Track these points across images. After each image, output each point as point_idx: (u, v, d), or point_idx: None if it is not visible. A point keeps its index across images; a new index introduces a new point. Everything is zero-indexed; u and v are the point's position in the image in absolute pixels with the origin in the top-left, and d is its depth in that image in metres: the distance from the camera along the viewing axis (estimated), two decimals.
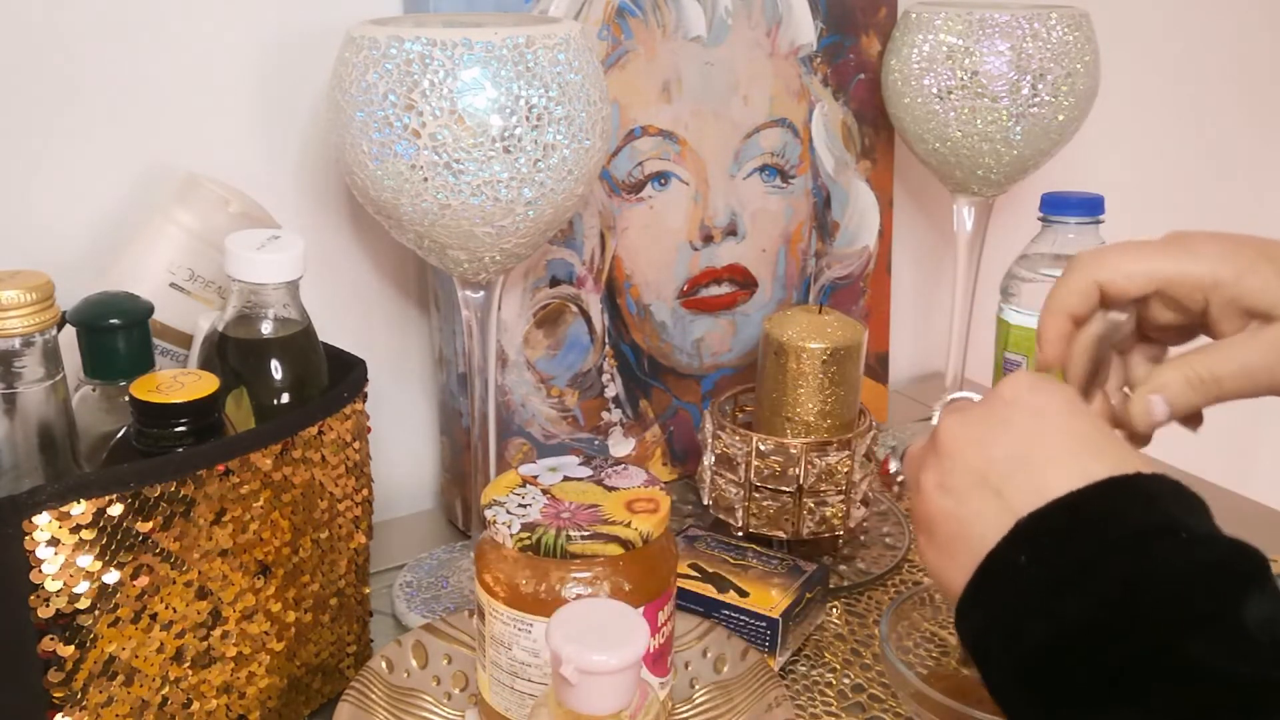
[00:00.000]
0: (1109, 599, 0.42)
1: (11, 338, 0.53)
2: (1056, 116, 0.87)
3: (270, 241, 0.63)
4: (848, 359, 0.78)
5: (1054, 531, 0.45)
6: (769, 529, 0.78)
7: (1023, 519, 0.45)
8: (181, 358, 0.69)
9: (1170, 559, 0.42)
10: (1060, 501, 0.45)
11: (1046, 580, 0.44)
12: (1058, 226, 0.89)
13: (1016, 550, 0.45)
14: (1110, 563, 0.42)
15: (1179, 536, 0.43)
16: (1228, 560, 0.42)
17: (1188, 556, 0.42)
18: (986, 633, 0.46)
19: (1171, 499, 0.45)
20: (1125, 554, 0.42)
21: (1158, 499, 0.44)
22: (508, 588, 0.55)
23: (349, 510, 0.65)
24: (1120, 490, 0.45)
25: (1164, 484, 0.45)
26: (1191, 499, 0.45)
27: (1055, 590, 0.43)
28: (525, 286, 0.83)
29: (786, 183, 0.93)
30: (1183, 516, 0.44)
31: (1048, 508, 0.45)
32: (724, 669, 0.64)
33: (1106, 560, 0.43)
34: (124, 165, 0.75)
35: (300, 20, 0.78)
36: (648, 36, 0.84)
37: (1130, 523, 0.43)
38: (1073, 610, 0.42)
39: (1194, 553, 0.42)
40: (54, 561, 0.51)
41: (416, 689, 0.63)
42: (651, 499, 0.58)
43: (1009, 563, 0.45)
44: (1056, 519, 0.45)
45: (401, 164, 0.61)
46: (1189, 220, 1.39)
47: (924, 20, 0.88)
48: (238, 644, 0.59)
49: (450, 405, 0.86)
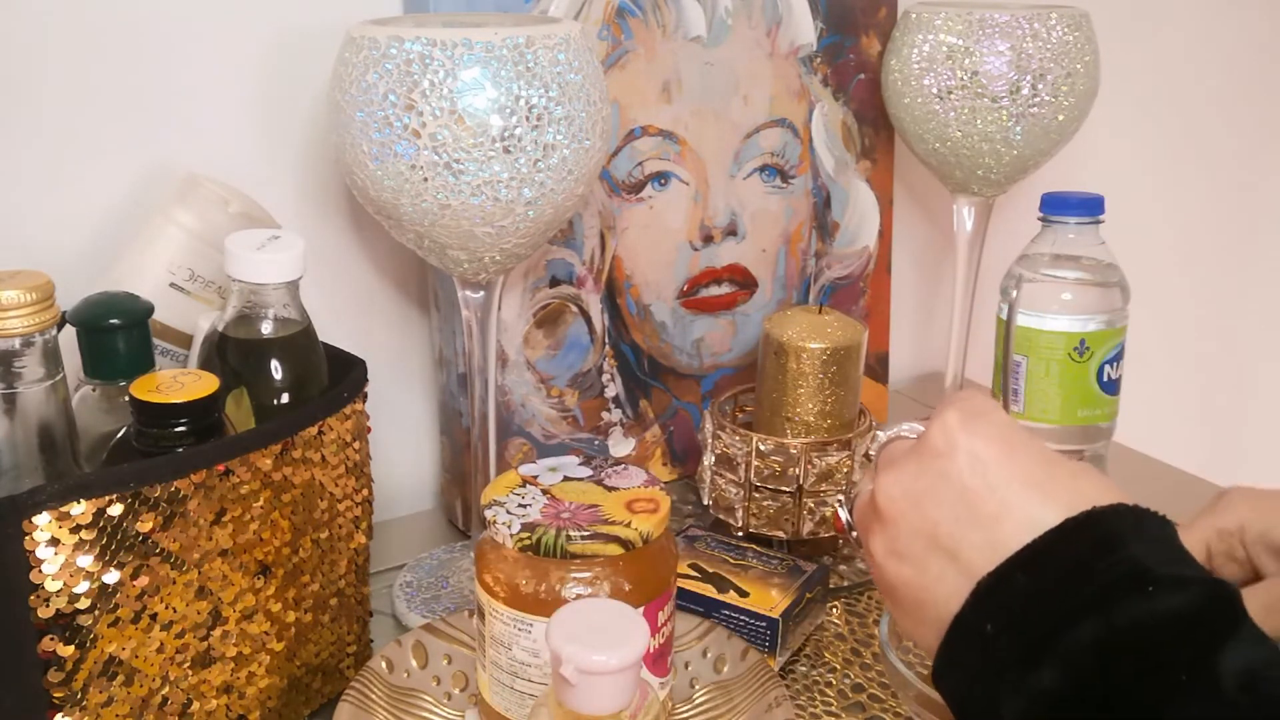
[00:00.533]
0: (1080, 669, 0.40)
1: (11, 338, 0.53)
2: (1056, 116, 0.87)
3: (270, 241, 0.63)
4: (848, 359, 0.78)
5: (1017, 595, 0.43)
6: (769, 529, 0.78)
7: (981, 582, 0.44)
8: (181, 358, 0.69)
9: (1139, 618, 0.40)
10: (1016, 559, 0.43)
11: (1017, 652, 0.42)
12: (1058, 226, 0.89)
13: (982, 618, 0.44)
14: (1079, 629, 0.41)
15: (1145, 590, 0.41)
16: (1198, 609, 0.41)
17: (1156, 611, 0.40)
18: (965, 698, 0.45)
19: (1132, 534, 0.43)
20: (1091, 616, 0.41)
21: (1119, 540, 0.42)
22: (508, 588, 0.55)
23: (349, 510, 0.65)
24: (1077, 536, 0.43)
25: (1121, 518, 0.43)
26: (1152, 524, 0.44)
27: (1025, 661, 0.42)
28: (525, 286, 0.83)
29: (786, 183, 0.93)
30: (1145, 556, 0.42)
31: (1005, 567, 0.43)
32: (724, 669, 0.64)
33: (1074, 626, 0.41)
34: (124, 165, 0.75)
35: (300, 20, 0.78)
36: (648, 36, 0.84)
37: (1094, 576, 0.42)
38: (1046, 683, 0.41)
39: (1161, 607, 0.40)
40: (54, 561, 0.51)
41: (416, 689, 0.63)
42: (651, 499, 0.58)
43: (975, 630, 0.44)
44: (1016, 580, 0.43)
45: (401, 164, 0.61)
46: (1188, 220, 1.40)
47: (924, 20, 0.88)
48: (238, 644, 0.59)
49: (450, 405, 0.86)
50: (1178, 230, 1.31)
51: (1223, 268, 1.37)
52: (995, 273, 0.95)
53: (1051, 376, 0.90)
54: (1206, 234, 1.34)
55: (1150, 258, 1.14)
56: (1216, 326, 1.38)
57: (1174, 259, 1.31)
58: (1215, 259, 1.36)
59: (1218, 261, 1.36)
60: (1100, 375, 0.89)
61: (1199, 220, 1.33)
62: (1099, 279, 0.89)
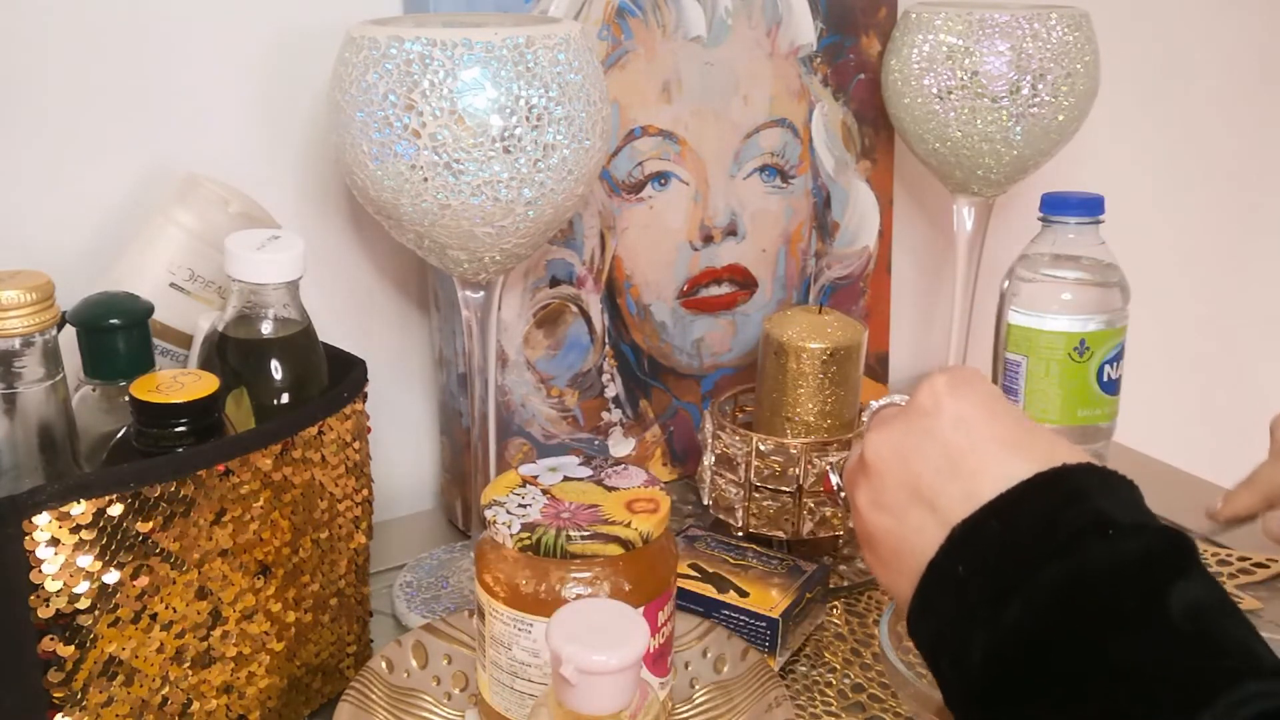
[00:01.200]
0: (1043, 605, 0.43)
1: (11, 338, 0.53)
2: (1056, 116, 0.87)
3: (270, 241, 0.63)
4: (848, 359, 0.78)
5: (988, 539, 0.46)
6: (769, 529, 0.78)
7: (956, 528, 0.47)
8: (181, 358, 0.69)
9: (1098, 559, 0.43)
10: (990, 507, 0.46)
11: (985, 590, 0.45)
12: (1058, 226, 0.89)
13: (954, 561, 0.46)
14: (1043, 569, 0.43)
15: (1106, 534, 0.44)
16: (1153, 552, 0.44)
17: (1115, 552, 0.43)
18: (936, 643, 0.47)
19: (1098, 490, 0.45)
20: (1056, 558, 0.43)
21: (1085, 493, 0.45)
22: (508, 588, 0.55)
23: (349, 510, 0.65)
24: (1047, 488, 0.46)
25: (1090, 475, 0.46)
26: (1119, 485, 0.46)
27: (994, 600, 0.44)
28: (525, 286, 0.83)
29: (786, 183, 0.93)
30: (1110, 509, 0.45)
31: (978, 514, 0.46)
32: (724, 669, 0.64)
33: (1040, 567, 0.44)
34: (124, 165, 0.75)
35: (300, 20, 0.78)
36: (648, 36, 0.84)
37: (1060, 523, 0.44)
38: (1011, 619, 0.43)
39: (1120, 549, 0.43)
40: (54, 561, 0.51)
41: (416, 689, 0.63)
42: (651, 499, 0.58)
43: (948, 574, 0.47)
44: (989, 526, 0.46)
45: (401, 164, 0.61)
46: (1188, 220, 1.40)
47: (924, 20, 0.88)
48: (238, 644, 0.59)
49: (450, 405, 0.86)
50: (1178, 230, 1.31)
51: (1223, 268, 1.37)
52: (995, 273, 0.95)
53: (1051, 376, 0.90)
54: (1206, 234, 1.34)
55: (1150, 258, 1.14)
56: (1216, 326, 1.38)
57: (1174, 259, 1.31)
58: (1215, 259, 1.35)
59: (1218, 261, 1.36)
60: (1100, 375, 0.89)
61: (1199, 220, 1.33)
62: (1099, 279, 0.89)
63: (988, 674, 0.44)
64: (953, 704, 0.47)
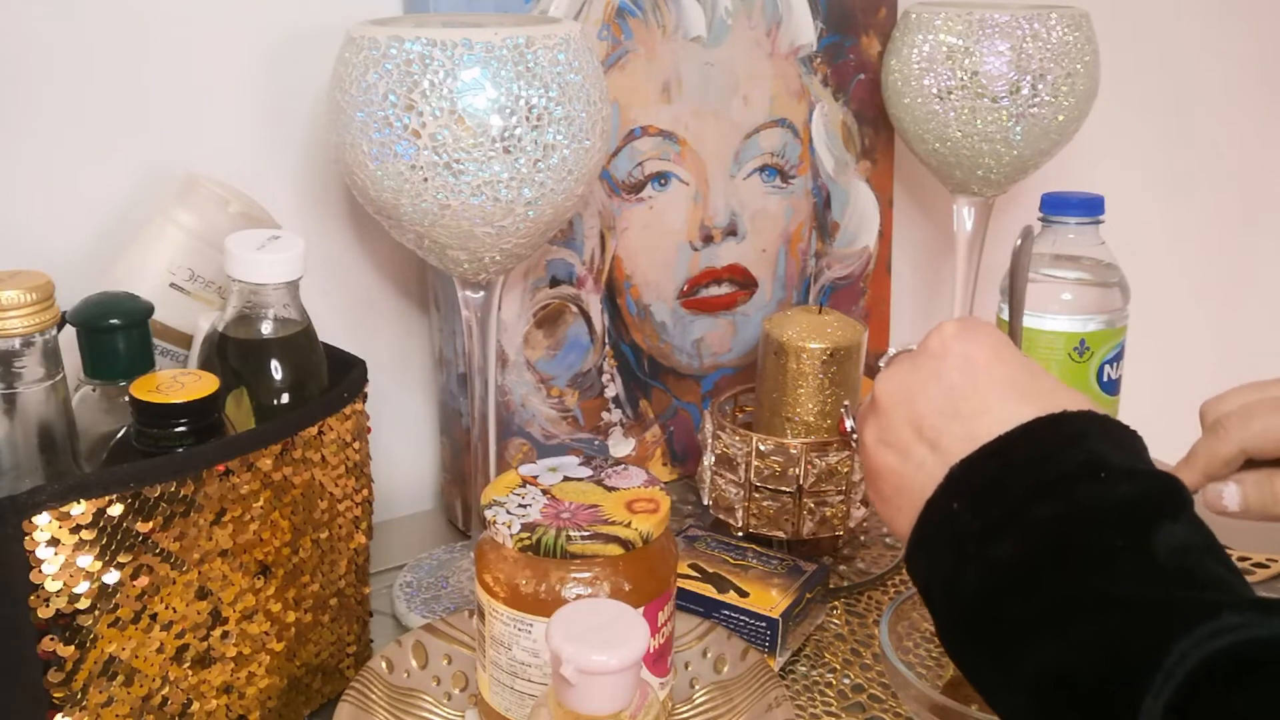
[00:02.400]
0: (1035, 542, 0.44)
1: (11, 338, 0.53)
2: (1056, 117, 0.87)
3: (270, 242, 0.63)
4: (848, 359, 0.78)
5: (985, 478, 0.47)
6: (769, 529, 0.78)
7: (955, 467, 0.48)
8: (181, 358, 0.69)
9: (1090, 499, 0.44)
10: (989, 447, 0.47)
11: (980, 526, 0.46)
12: (1058, 226, 0.89)
13: (951, 498, 0.48)
14: (1036, 507, 0.45)
15: (1099, 476, 0.45)
16: (1143, 495, 0.44)
17: (1106, 494, 0.44)
18: (930, 577, 0.48)
19: (1097, 435, 0.46)
20: (1049, 498, 0.45)
21: (1083, 437, 0.46)
22: (508, 588, 0.55)
23: (349, 510, 0.65)
24: (1046, 431, 0.47)
25: (1090, 421, 0.47)
26: (1119, 433, 0.47)
27: (988, 536, 0.45)
28: (525, 286, 0.83)
29: (786, 183, 0.93)
30: (1107, 453, 0.46)
31: (977, 454, 0.47)
32: (724, 669, 0.64)
33: (1032, 505, 0.45)
34: (124, 165, 0.75)
35: (300, 20, 0.78)
36: (648, 36, 0.84)
37: (1056, 464, 0.45)
38: (1004, 554, 0.45)
39: (1112, 490, 0.44)
40: (54, 561, 0.51)
41: (416, 689, 0.63)
42: (651, 499, 0.58)
43: (945, 510, 0.48)
44: (987, 465, 0.47)
45: (401, 164, 0.61)
46: (1188, 220, 1.40)
47: (924, 20, 0.88)
48: (238, 644, 0.59)
49: (450, 405, 0.86)
50: (1178, 230, 1.31)
51: (1223, 268, 1.37)
52: (995, 273, 0.95)
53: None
54: (1206, 234, 1.34)
55: (1150, 258, 1.14)
56: (1216, 326, 1.38)
57: (1174, 259, 1.31)
58: (1215, 259, 1.36)
59: (1218, 261, 1.36)
60: (1100, 375, 0.89)
61: (1199, 220, 1.33)
62: (1099, 279, 0.89)
63: (977, 606, 0.45)
64: (943, 635, 0.48)
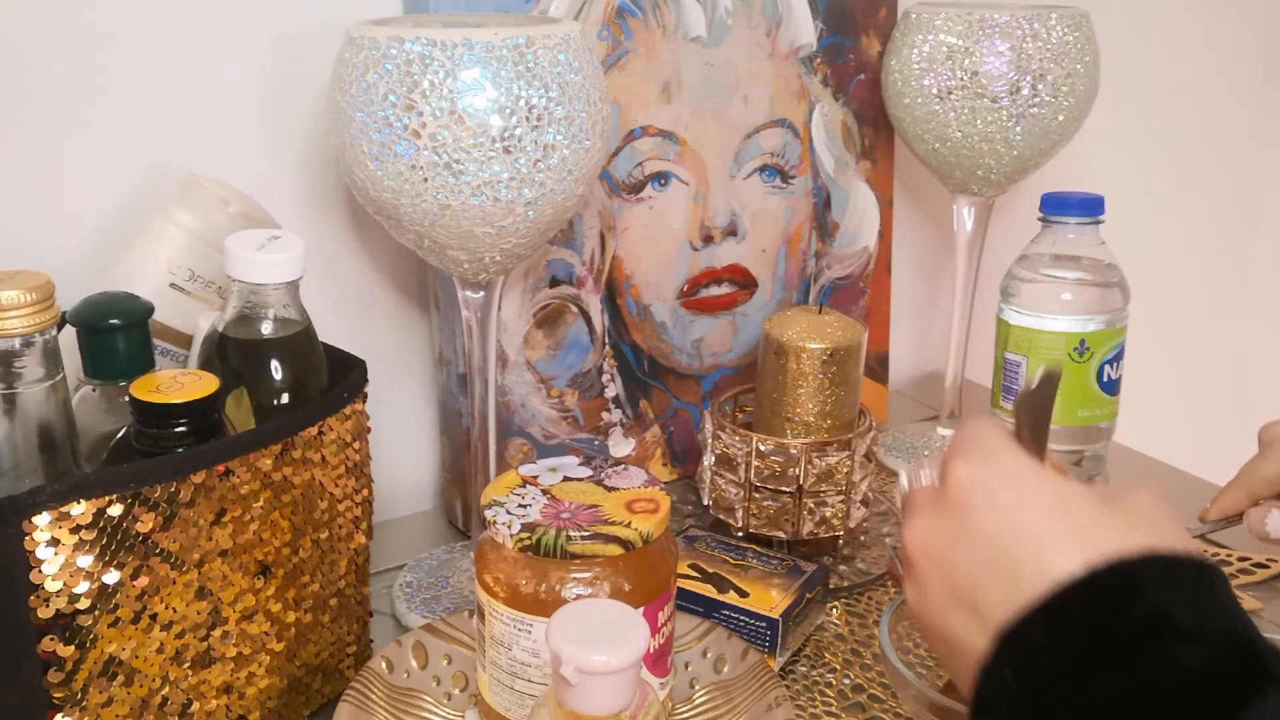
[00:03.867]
0: None
1: (11, 338, 0.53)
2: (1056, 116, 0.87)
3: (270, 242, 0.63)
4: (848, 359, 0.78)
5: (1035, 646, 0.43)
6: (769, 529, 0.78)
7: (1001, 632, 0.44)
8: (181, 358, 0.69)
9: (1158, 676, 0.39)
10: (1039, 610, 0.43)
11: (1035, 700, 0.42)
12: (1058, 226, 0.89)
13: (1001, 664, 0.44)
14: (1097, 686, 0.40)
15: (1165, 646, 0.40)
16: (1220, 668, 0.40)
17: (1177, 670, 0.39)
18: None
19: (1158, 584, 0.42)
20: (1110, 672, 0.40)
21: (1141, 590, 0.42)
22: (508, 588, 0.55)
23: (349, 510, 0.65)
24: (1099, 587, 0.42)
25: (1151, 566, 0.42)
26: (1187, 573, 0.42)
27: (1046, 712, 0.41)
28: (525, 287, 0.83)
29: (786, 183, 0.93)
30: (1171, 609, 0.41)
31: (1025, 619, 0.43)
32: (724, 669, 0.64)
33: (1093, 682, 0.40)
34: (124, 165, 0.75)
35: (300, 20, 0.78)
36: (648, 37, 0.84)
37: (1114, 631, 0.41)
38: None
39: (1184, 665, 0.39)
40: (54, 562, 0.51)
41: (416, 689, 0.63)
42: (651, 499, 0.58)
43: (999, 679, 0.44)
44: (1036, 631, 0.43)
45: (401, 164, 0.61)
46: (1188, 220, 1.40)
47: (924, 20, 0.88)
48: (238, 644, 0.59)
49: (450, 405, 0.86)
50: (1177, 230, 1.31)
51: (1222, 268, 1.37)
52: (995, 273, 0.95)
53: None
54: (1206, 234, 1.34)
55: (1150, 258, 1.15)
56: (1216, 326, 1.38)
57: (1174, 259, 1.31)
58: (1215, 259, 1.36)
59: (1217, 262, 1.36)
60: (1100, 375, 0.89)
61: (1198, 220, 1.33)
62: (1099, 279, 0.89)
63: None
64: None
